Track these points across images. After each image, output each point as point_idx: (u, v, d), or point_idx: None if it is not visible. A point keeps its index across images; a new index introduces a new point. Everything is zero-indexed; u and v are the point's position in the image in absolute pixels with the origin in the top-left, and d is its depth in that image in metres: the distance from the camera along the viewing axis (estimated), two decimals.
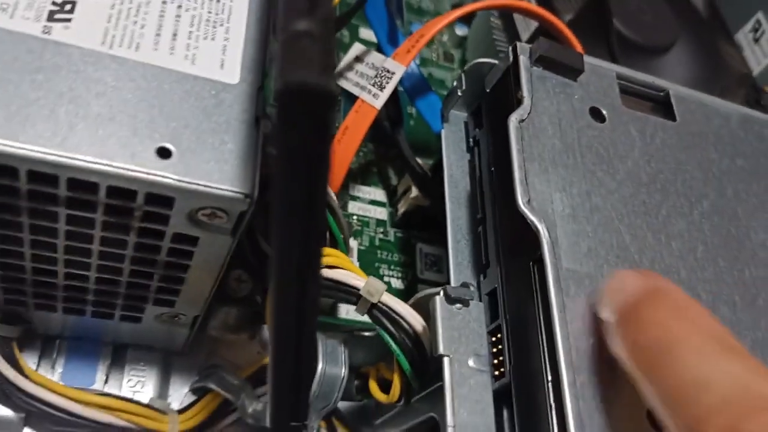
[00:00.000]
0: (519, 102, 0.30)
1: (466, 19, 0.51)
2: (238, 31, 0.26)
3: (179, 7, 0.25)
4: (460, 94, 0.34)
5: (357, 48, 0.36)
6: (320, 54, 0.14)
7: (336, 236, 0.32)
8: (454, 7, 0.53)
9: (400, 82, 0.38)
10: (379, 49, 0.40)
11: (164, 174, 0.22)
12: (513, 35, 0.44)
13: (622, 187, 0.30)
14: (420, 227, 0.42)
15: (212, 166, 0.23)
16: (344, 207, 0.41)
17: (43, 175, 0.21)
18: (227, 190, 0.22)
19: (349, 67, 0.36)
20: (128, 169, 0.21)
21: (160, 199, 0.23)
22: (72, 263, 0.26)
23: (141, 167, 0.22)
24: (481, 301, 0.29)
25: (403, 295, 0.39)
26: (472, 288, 0.29)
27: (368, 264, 0.39)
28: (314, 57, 0.14)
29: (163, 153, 0.22)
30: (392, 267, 0.40)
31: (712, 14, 0.49)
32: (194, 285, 0.28)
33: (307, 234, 0.16)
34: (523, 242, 0.28)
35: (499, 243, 0.30)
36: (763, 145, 0.35)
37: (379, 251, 0.40)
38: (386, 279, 0.40)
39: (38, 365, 0.32)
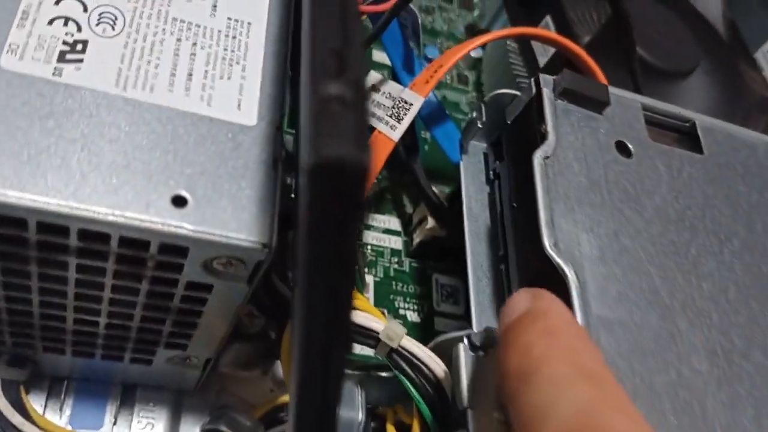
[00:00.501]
0: (543, 136, 0.29)
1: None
2: (255, 69, 0.25)
3: (194, 44, 0.24)
4: (480, 125, 0.33)
5: (373, 77, 0.35)
6: (354, 123, 0.13)
7: None
8: (468, 28, 0.52)
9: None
10: (394, 74, 0.39)
11: (179, 224, 0.21)
12: (530, 59, 0.43)
13: (650, 225, 0.29)
14: (436, 257, 0.40)
15: (229, 215, 0.22)
16: (358, 236, 0.40)
17: (54, 227, 0.20)
18: (244, 240, 0.21)
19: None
20: (142, 220, 0.20)
21: (175, 248, 0.22)
22: (82, 310, 0.25)
23: (156, 218, 0.21)
24: None
25: (420, 328, 0.38)
26: (496, 333, 0.28)
27: (383, 297, 0.38)
28: (348, 128, 0.13)
29: (179, 201, 0.21)
30: (408, 299, 0.39)
31: (732, 36, 0.48)
32: (207, 329, 0.27)
33: (335, 304, 0.15)
34: (549, 286, 0.27)
35: (523, 283, 0.29)
36: None
37: (394, 283, 0.39)
38: (402, 312, 0.38)
39: (45, 407, 0.31)
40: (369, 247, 0.40)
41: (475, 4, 0.54)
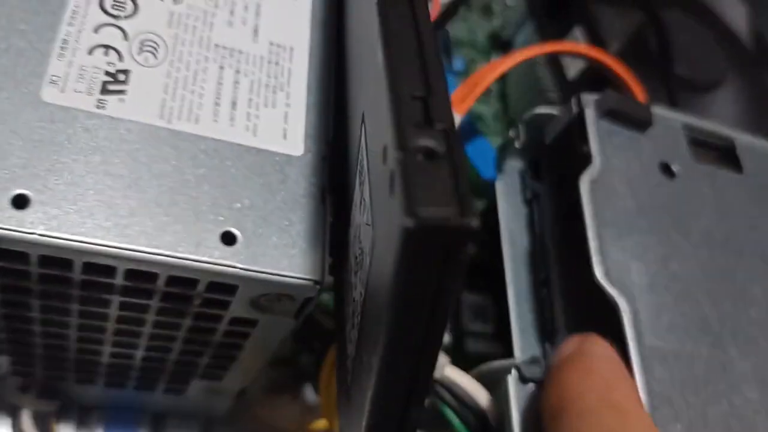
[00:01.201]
0: (586, 159, 0.28)
1: (503, 53, 0.49)
2: (300, 96, 0.24)
3: (237, 72, 0.23)
4: (517, 145, 0.32)
5: None
6: (453, 179, 0.12)
7: None
8: (489, 38, 0.51)
9: None
10: None
11: (230, 264, 0.20)
12: (557, 71, 0.42)
13: (698, 250, 0.28)
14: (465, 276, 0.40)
15: (279, 252, 0.21)
16: None
17: (100, 267, 0.20)
18: (296, 278, 0.21)
19: None
20: (192, 260, 0.20)
21: (224, 287, 0.21)
22: (120, 344, 0.24)
23: (205, 257, 0.20)
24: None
25: (451, 349, 0.37)
26: (544, 364, 0.27)
27: None
28: (447, 186, 0.12)
29: (228, 239, 0.20)
30: None
31: (759, 47, 0.47)
32: (245, 362, 0.26)
33: (417, 375, 0.14)
34: (598, 315, 0.26)
35: (568, 309, 0.28)
36: None
37: None
38: None
39: None
40: None
41: (496, 12, 0.53)
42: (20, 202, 0.19)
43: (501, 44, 0.50)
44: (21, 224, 0.18)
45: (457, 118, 0.32)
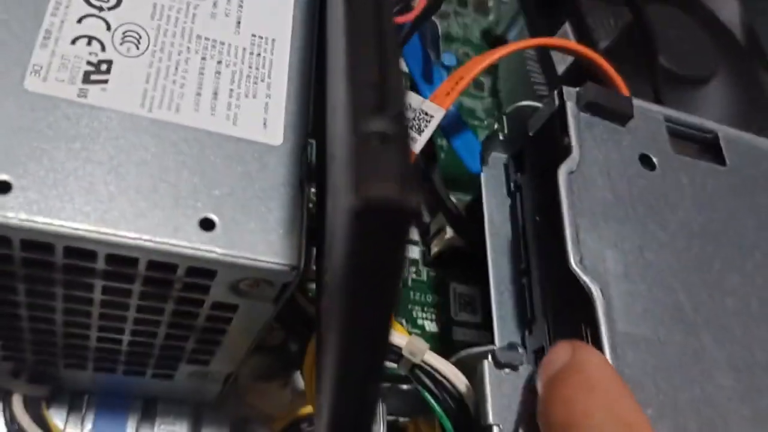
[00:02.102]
0: (566, 150, 0.29)
1: (491, 45, 0.50)
2: (280, 87, 0.24)
3: (219, 62, 0.24)
4: (501, 138, 0.33)
5: None
6: (399, 162, 0.13)
7: None
8: (483, 33, 0.52)
9: None
10: (413, 84, 0.39)
11: (208, 248, 0.21)
12: (548, 66, 0.43)
13: (674, 239, 0.29)
14: (454, 266, 0.40)
15: (257, 237, 0.21)
16: None
17: (81, 251, 0.20)
18: (273, 263, 0.21)
19: None
20: (171, 245, 0.20)
21: (203, 271, 0.21)
22: (106, 329, 0.25)
23: (184, 242, 0.20)
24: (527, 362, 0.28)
25: (438, 338, 0.38)
26: (520, 350, 0.28)
27: (402, 307, 0.38)
28: (393, 166, 0.12)
29: (207, 225, 0.21)
30: (426, 309, 0.39)
31: (750, 41, 0.47)
32: (231, 346, 0.27)
33: (374, 350, 0.14)
34: (573, 302, 0.27)
35: (546, 298, 0.29)
36: None
37: (412, 293, 0.39)
38: (420, 321, 0.38)
39: (66, 422, 0.31)
40: None
41: (491, 8, 0.53)
42: (1, 188, 0.19)
43: (494, 40, 0.50)
44: (2, 209, 0.19)
45: (441, 112, 0.32)
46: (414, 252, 0.41)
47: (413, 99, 0.34)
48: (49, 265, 0.21)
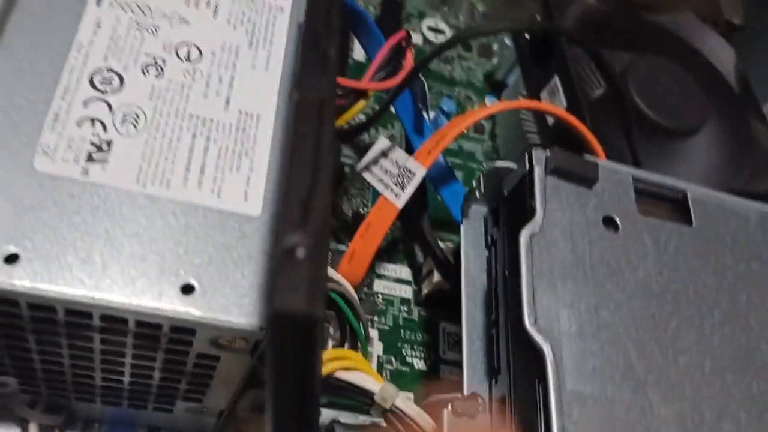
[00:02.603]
0: (531, 213, 0.31)
1: (497, 92, 0.52)
2: (262, 161, 0.27)
3: (207, 139, 0.27)
4: (478, 196, 0.35)
5: (382, 142, 0.38)
6: (309, 277, 0.15)
7: (354, 329, 0.34)
8: (486, 77, 0.54)
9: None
10: (405, 136, 0.42)
11: (187, 311, 0.24)
12: (540, 116, 0.45)
13: (631, 300, 0.31)
14: (444, 306, 0.43)
15: (232, 301, 0.24)
16: (369, 285, 0.42)
17: (79, 312, 0.23)
18: (245, 324, 0.24)
19: (375, 161, 0.37)
20: (155, 308, 0.23)
21: (184, 329, 0.24)
22: (107, 371, 0.28)
23: (166, 305, 0.24)
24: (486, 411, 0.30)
25: (425, 376, 0.40)
26: (480, 400, 0.30)
27: (391, 345, 0.41)
28: (303, 281, 0.15)
29: (187, 290, 0.24)
30: (415, 347, 0.41)
31: (743, 88, 0.49)
32: (219, 387, 0.30)
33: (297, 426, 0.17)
34: (529, 358, 0.29)
35: (509, 351, 0.31)
36: None
37: (402, 331, 0.42)
38: (409, 359, 0.41)
39: None
40: (380, 296, 0.42)
41: (495, 52, 0.56)
42: (11, 259, 0.22)
43: (495, 84, 0.53)
44: (10, 278, 0.22)
45: (423, 170, 0.35)
46: (407, 292, 0.43)
47: (399, 155, 0.37)
48: (53, 322, 0.24)
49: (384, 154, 0.37)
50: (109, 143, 0.26)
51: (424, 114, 0.41)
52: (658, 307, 0.31)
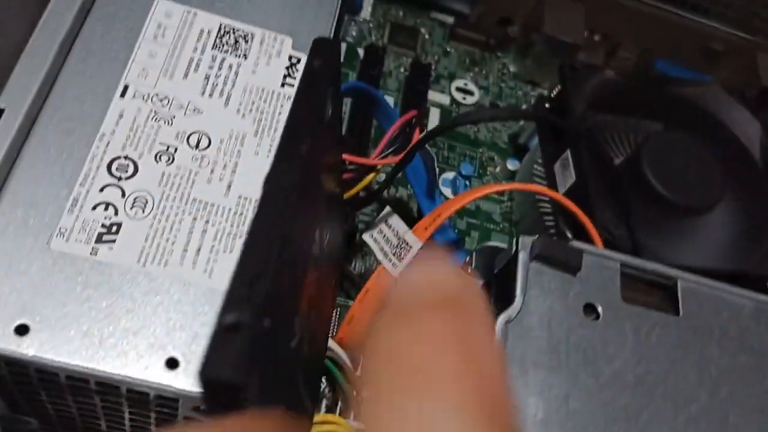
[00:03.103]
0: (512, 298, 0.33)
1: (520, 155, 0.54)
2: None
3: (206, 222, 0.30)
4: (469, 271, 0.37)
5: (387, 211, 0.40)
6: (238, 348, 0.18)
7: (345, 391, 0.36)
8: (511, 139, 0.55)
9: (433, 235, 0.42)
10: (417, 201, 0.44)
11: (169, 384, 0.27)
12: (552, 185, 0.46)
13: (604, 390, 0.32)
14: None
15: None
16: None
17: (78, 378, 0.27)
18: None
19: (379, 229, 0.40)
20: (141, 380, 0.26)
21: (168, 398, 0.27)
22: (110, 421, 0.31)
23: (151, 377, 0.27)
24: None
25: None
26: None
27: None
28: (231, 353, 0.17)
29: (172, 364, 0.27)
30: None
31: (767, 164, 0.48)
32: None
33: None
34: None
35: None
36: None
37: None
38: None
39: None
40: None
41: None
42: (21, 330, 0.26)
43: (519, 147, 0.54)
44: (20, 347, 0.26)
45: (419, 244, 0.37)
46: None
47: (400, 226, 0.39)
48: (57, 384, 0.28)
49: (388, 223, 0.40)
50: (118, 226, 0.29)
51: (432, 177, 0.43)
52: (631, 399, 0.32)
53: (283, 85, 0.34)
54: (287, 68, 0.35)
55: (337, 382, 0.37)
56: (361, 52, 0.55)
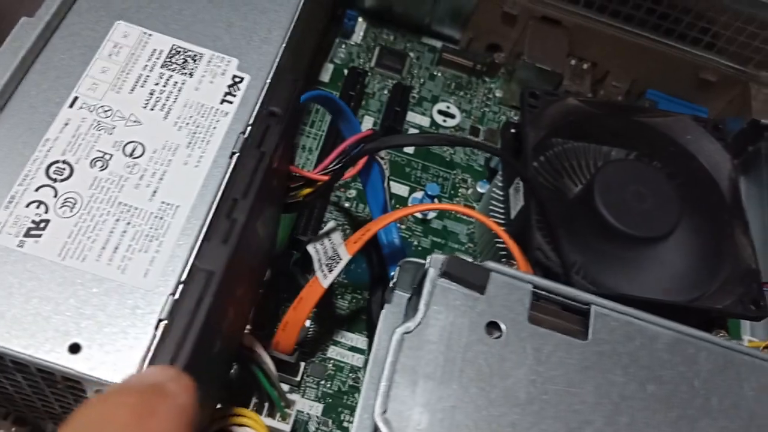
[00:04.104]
0: (415, 311, 0.34)
1: (489, 176, 0.55)
2: (169, 245, 0.33)
3: (128, 224, 0.33)
4: (392, 285, 0.38)
5: (331, 225, 0.42)
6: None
7: (267, 391, 0.39)
8: (487, 162, 0.56)
9: (383, 248, 0.44)
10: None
11: (70, 366, 0.29)
12: (507, 209, 0.47)
13: (492, 405, 0.33)
14: None
15: (109, 360, 0.30)
16: (324, 351, 0.47)
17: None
18: (115, 380, 0.30)
19: (321, 240, 0.42)
20: (44, 360, 0.29)
21: (71, 380, 0.30)
22: (41, 400, 0.35)
23: (53, 359, 0.29)
24: None
25: None
26: None
27: (332, 409, 0.45)
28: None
29: (74, 349, 0.30)
30: (354, 414, 0.45)
31: (734, 197, 0.48)
32: None
33: None
34: None
35: None
36: (691, 371, 0.35)
37: (345, 397, 0.45)
38: (345, 424, 0.44)
39: None
40: (331, 362, 0.46)
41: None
42: None
43: (492, 171, 0.55)
44: None
45: (347, 257, 0.39)
46: (359, 361, 0.47)
47: (336, 239, 0.41)
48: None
49: (329, 236, 0.42)
50: (46, 222, 0.32)
51: (386, 193, 0.45)
52: (520, 416, 0.33)
53: (222, 102, 0.37)
54: (229, 86, 0.38)
55: (264, 386, 0.39)
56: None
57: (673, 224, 0.45)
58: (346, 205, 0.53)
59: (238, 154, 0.36)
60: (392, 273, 0.39)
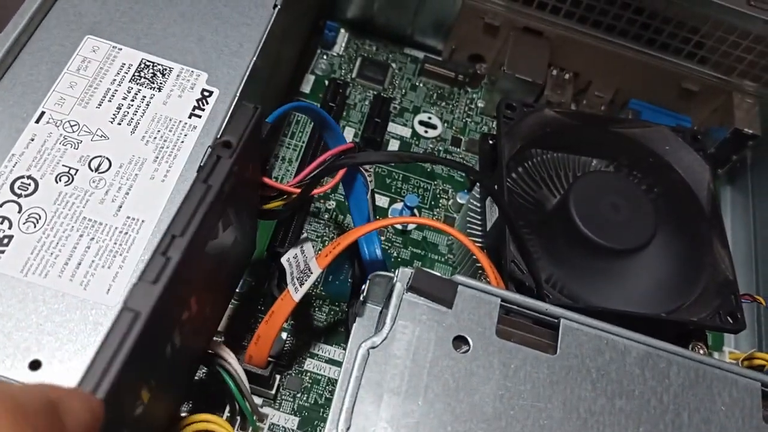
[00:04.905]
0: (382, 325, 0.34)
1: (470, 187, 0.54)
2: (133, 260, 0.33)
3: (92, 239, 0.33)
4: (362, 299, 0.38)
5: (303, 237, 0.42)
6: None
7: (238, 402, 0.38)
8: (467, 173, 0.56)
9: (364, 259, 0.43)
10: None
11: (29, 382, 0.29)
12: (483, 221, 0.47)
13: (458, 420, 0.32)
14: None
15: (69, 377, 0.30)
16: (300, 363, 0.46)
17: None
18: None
19: (295, 254, 0.42)
20: (4, 377, 0.29)
21: None
22: None
23: (13, 377, 0.29)
24: None
25: None
26: None
27: (308, 422, 0.44)
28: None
29: (35, 365, 0.30)
30: None
31: (713, 208, 0.47)
32: None
33: None
34: None
35: None
36: (662, 386, 0.35)
37: (322, 410, 0.45)
38: None
39: None
40: (308, 374, 0.46)
41: None
42: None
43: (472, 182, 0.55)
44: None
45: (318, 271, 0.39)
46: (335, 373, 0.46)
47: (309, 252, 0.41)
48: None
49: (303, 250, 0.42)
50: (9, 238, 0.32)
51: (369, 204, 0.45)
52: (486, 431, 0.32)
53: (191, 116, 0.37)
54: (198, 101, 0.38)
55: (236, 399, 0.39)
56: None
57: (649, 236, 0.45)
58: (326, 216, 0.52)
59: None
60: (363, 287, 0.39)
